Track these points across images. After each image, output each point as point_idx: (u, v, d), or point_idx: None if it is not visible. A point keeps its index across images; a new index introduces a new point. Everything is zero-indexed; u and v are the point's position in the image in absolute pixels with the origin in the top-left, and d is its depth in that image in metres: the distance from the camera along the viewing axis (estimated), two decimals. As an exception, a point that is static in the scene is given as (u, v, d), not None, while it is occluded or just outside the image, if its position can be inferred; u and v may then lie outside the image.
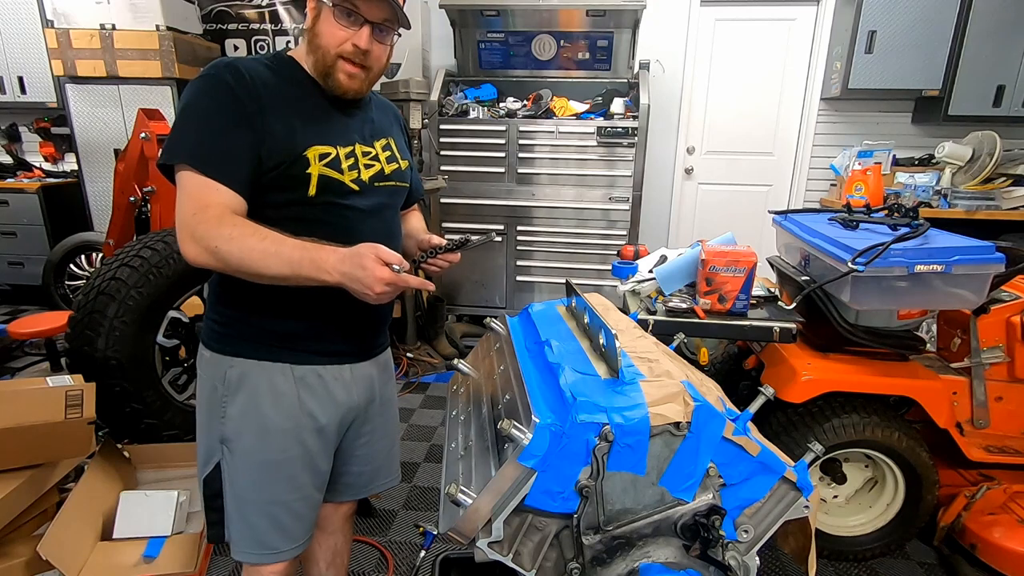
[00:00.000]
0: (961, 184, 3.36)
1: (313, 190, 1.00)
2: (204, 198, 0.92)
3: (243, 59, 1.01)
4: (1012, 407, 1.83)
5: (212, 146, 0.94)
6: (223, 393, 1.06)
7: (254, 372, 1.06)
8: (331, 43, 0.99)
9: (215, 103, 0.95)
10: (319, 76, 1.03)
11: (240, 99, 0.96)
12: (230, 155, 0.95)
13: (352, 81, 1.03)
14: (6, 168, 4.30)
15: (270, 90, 0.99)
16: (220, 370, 1.06)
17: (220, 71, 0.97)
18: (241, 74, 0.97)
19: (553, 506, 0.71)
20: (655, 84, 3.88)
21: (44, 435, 1.64)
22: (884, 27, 3.42)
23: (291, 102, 1.01)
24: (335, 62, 1.01)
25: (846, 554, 1.88)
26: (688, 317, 1.62)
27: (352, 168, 1.05)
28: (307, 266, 0.91)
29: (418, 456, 2.49)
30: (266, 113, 0.97)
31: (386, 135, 1.16)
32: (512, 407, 0.79)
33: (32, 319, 2.79)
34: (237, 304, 1.06)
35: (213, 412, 1.07)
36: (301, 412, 1.08)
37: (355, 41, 0.99)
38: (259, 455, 1.07)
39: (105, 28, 3.49)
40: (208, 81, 0.97)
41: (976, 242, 1.58)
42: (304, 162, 0.99)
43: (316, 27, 1.00)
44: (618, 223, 3.56)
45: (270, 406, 1.06)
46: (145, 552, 1.70)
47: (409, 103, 3.09)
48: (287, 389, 1.07)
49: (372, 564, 1.87)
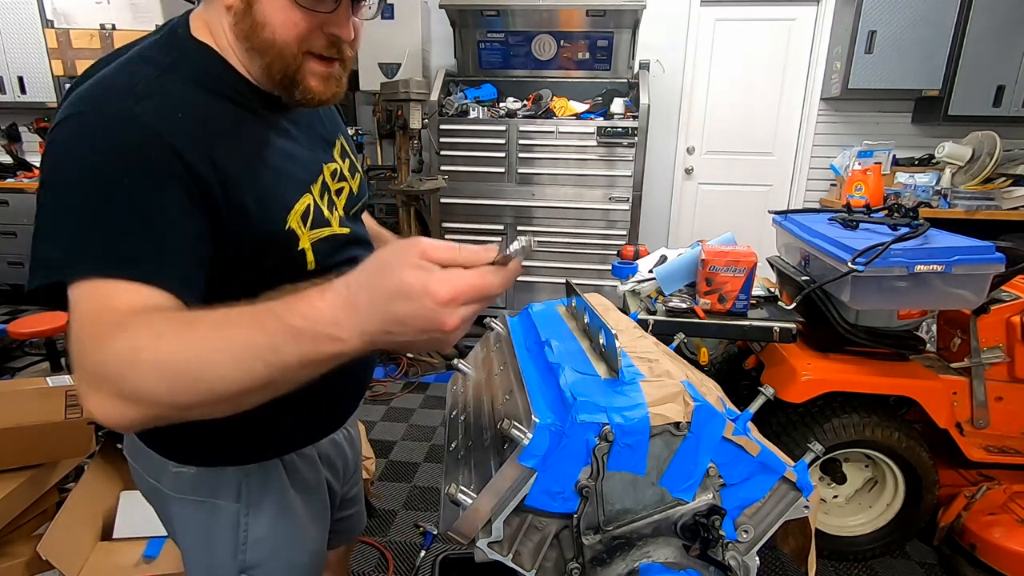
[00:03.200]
0: (961, 184, 3.36)
1: (312, 264, 0.71)
2: (116, 305, 0.53)
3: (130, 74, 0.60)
4: (1012, 407, 1.83)
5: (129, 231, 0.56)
6: (237, 512, 0.79)
7: (278, 472, 0.81)
8: (290, 36, 0.64)
9: (127, 176, 0.56)
10: (275, 85, 0.68)
11: (172, 155, 0.57)
12: (163, 240, 0.57)
13: (328, 84, 0.70)
14: (6, 168, 4.30)
15: (194, 125, 0.60)
16: (227, 486, 0.78)
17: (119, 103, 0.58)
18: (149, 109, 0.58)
19: (553, 506, 0.71)
20: (655, 84, 3.88)
21: (44, 435, 1.64)
22: (884, 27, 3.42)
23: (237, 135, 0.65)
24: (302, 63, 0.66)
25: (846, 554, 1.88)
26: (688, 317, 1.62)
27: (331, 207, 0.76)
28: (289, 344, 0.48)
29: (418, 456, 2.49)
30: (207, 173, 0.60)
31: (337, 133, 0.86)
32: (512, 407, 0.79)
33: (32, 319, 2.78)
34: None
35: (220, 540, 0.79)
36: (327, 492, 0.92)
37: (332, 30, 0.65)
38: (298, 560, 0.86)
39: (105, 28, 3.49)
40: (106, 126, 0.57)
41: (976, 242, 1.58)
42: (291, 238, 0.68)
43: (256, 12, 0.63)
44: (618, 223, 3.56)
45: (301, 504, 0.84)
46: (145, 552, 1.70)
47: (409, 103, 3.09)
48: (312, 476, 0.87)
49: (372, 564, 1.87)
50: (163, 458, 0.77)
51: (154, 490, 0.81)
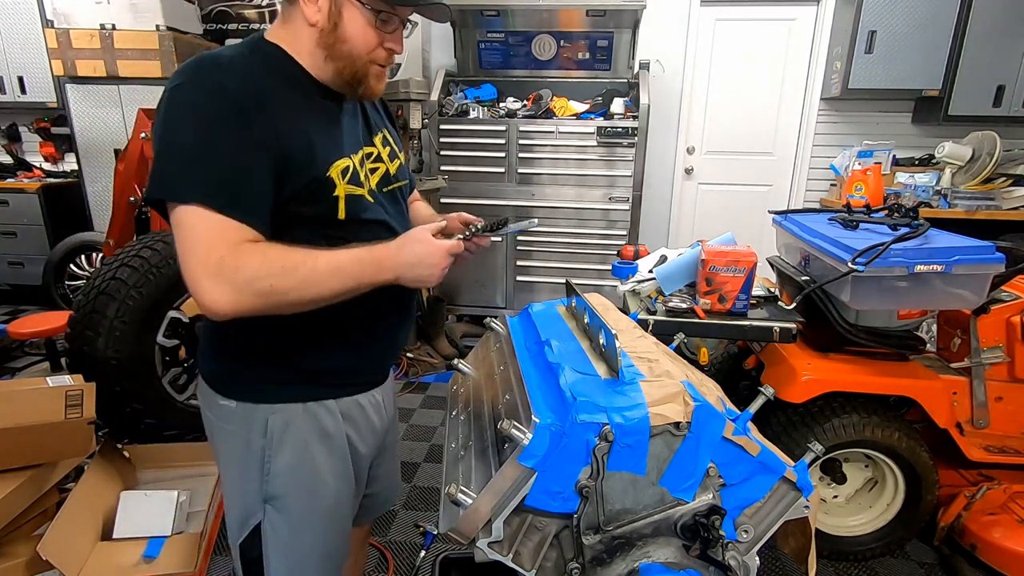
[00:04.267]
0: (961, 184, 3.35)
1: (342, 213, 0.89)
2: (227, 236, 0.78)
3: (224, 56, 0.84)
4: (1012, 407, 1.83)
5: (228, 177, 0.78)
6: (264, 446, 0.94)
7: (299, 417, 0.95)
8: (363, 50, 0.88)
9: (218, 119, 0.78)
10: (343, 84, 0.91)
11: (246, 111, 0.79)
12: (250, 187, 0.80)
13: (380, 83, 0.94)
14: (6, 168, 4.30)
15: (272, 95, 0.83)
16: (256, 421, 0.94)
17: (213, 74, 0.80)
18: (238, 78, 0.81)
19: (553, 506, 0.71)
20: (655, 84, 3.88)
21: (44, 435, 1.64)
22: (884, 27, 3.42)
23: (297, 107, 0.87)
24: (367, 68, 0.90)
25: (846, 554, 1.88)
26: (688, 317, 1.62)
27: (366, 177, 0.95)
28: (368, 270, 0.84)
29: (418, 456, 2.49)
30: (277, 126, 0.82)
31: (380, 128, 1.06)
32: (512, 407, 0.79)
33: (32, 319, 2.78)
34: (264, 346, 0.93)
35: (250, 469, 0.95)
36: (349, 449, 1.02)
37: (390, 45, 0.90)
38: (316, 506, 0.98)
39: (105, 28, 3.49)
40: (202, 90, 0.79)
41: (976, 242, 1.58)
42: (330, 184, 0.87)
43: (340, 31, 0.86)
44: (618, 223, 3.56)
45: (321, 451, 0.97)
46: (145, 552, 1.70)
47: (409, 103, 3.09)
48: (335, 429, 0.98)
49: (372, 564, 1.87)
50: (214, 392, 0.97)
51: (208, 421, 1.00)
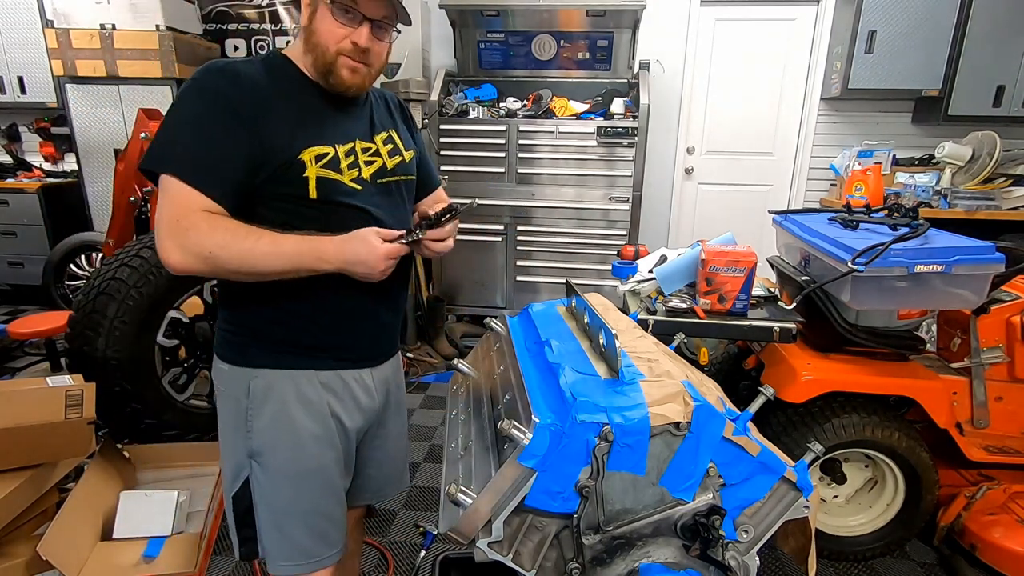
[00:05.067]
0: (961, 184, 3.35)
1: (313, 193, 0.98)
2: (189, 203, 0.90)
3: (237, 61, 1.00)
4: (1012, 407, 1.83)
5: (202, 156, 0.92)
6: (247, 406, 1.04)
7: (280, 382, 1.04)
8: (329, 41, 0.97)
9: (208, 109, 0.93)
10: (319, 75, 1.01)
11: (234, 105, 0.93)
12: (220, 166, 0.93)
13: (355, 76, 1.01)
14: (6, 168, 4.30)
15: (264, 93, 0.97)
16: (242, 383, 1.04)
17: (214, 75, 0.95)
18: (236, 78, 0.95)
19: (553, 506, 0.71)
20: (655, 84, 3.88)
21: (44, 435, 1.64)
22: (884, 27, 3.42)
23: (286, 104, 0.99)
24: (335, 59, 0.99)
25: (846, 554, 1.88)
26: (688, 317, 1.62)
27: (352, 167, 1.03)
28: (307, 258, 0.93)
29: (418, 456, 2.49)
30: (260, 118, 0.95)
31: (387, 128, 1.14)
32: (512, 407, 0.79)
33: (32, 319, 2.79)
34: (254, 314, 1.03)
35: (238, 427, 1.05)
36: (331, 417, 1.07)
37: (354, 39, 0.97)
38: (294, 465, 1.05)
39: (105, 28, 3.49)
40: (201, 85, 0.95)
41: (976, 242, 1.58)
42: (300, 166, 0.97)
43: (313, 25, 0.98)
44: (618, 223, 3.56)
45: (301, 414, 1.04)
46: (145, 552, 1.70)
47: (409, 103, 3.10)
48: (315, 396, 1.05)
49: (372, 564, 1.87)
50: (216, 356, 1.09)
51: (215, 383, 1.10)
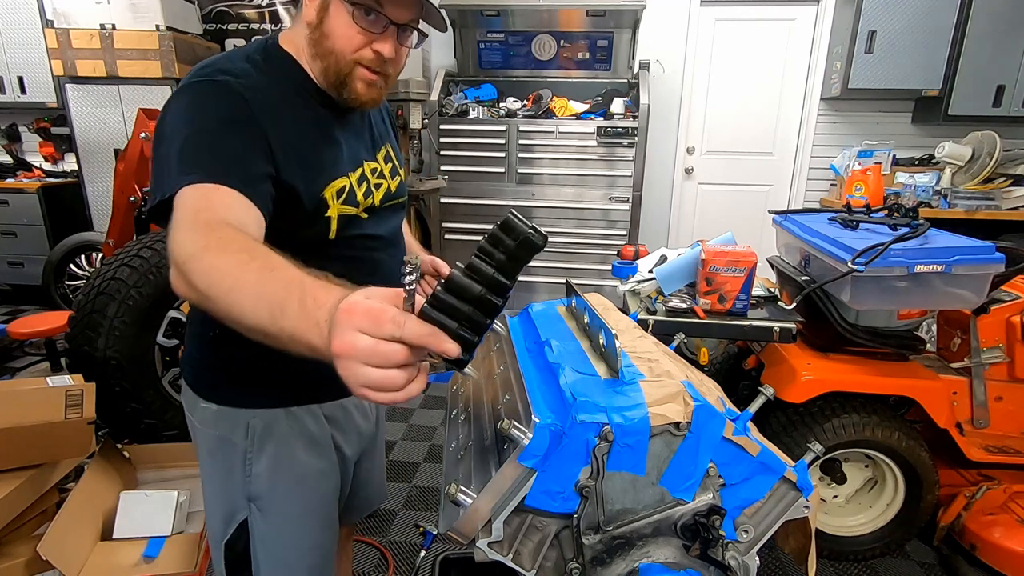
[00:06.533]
0: (961, 184, 3.36)
1: (333, 234, 0.87)
2: (205, 200, 0.71)
3: (231, 61, 0.82)
4: (1012, 407, 1.83)
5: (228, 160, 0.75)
6: (245, 448, 0.93)
7: (282, 421, 0.93)
8: (346, 48, 0.82)
9: (226, 116, 0.77)
10: (329, 85, 0.86)
11: (255, 116, 0.78)
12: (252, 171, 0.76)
13: (371, 90, 0.87)
14: (6, 168, 4.30)
15: (270, 104, 0.80)
16: (236, 424, 0.93)
17: (217, 77, 0.79)
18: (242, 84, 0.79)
19: (553, 506, 0.71)
20: (655, 84, 3.88)
21: (44, 435, 1.64)
22: (884, 27, 3.42)
23: (296, 120, 0.84)
24: (352, 69, 0.84)
25: (846, 554, 1.88)
26: (688, 317, 1.62)
27: (366, 195, 0.91)
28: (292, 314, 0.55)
29: (418, 456, 2.49)
30: (273, 140, 0.79)
31: (385, 141, 1.04)
32: (512, 407, 0.79)
33: (32, 319, 2.79)
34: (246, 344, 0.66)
35: (232, 470, 0.94)
36: (334, 450, 1.01)
37: (377, 47, 0.83)
38: (299, 504, 0.97)
39: (105, 28, 3.49)
40: (208, 88, 0.78)
41: (976, 242, 1.58)
42: (323, 205, 0.84)
43: (325, 26, 0.82)
44: (618, 223, 3.56)
45: (305, 453, 0.96)
46: (145, 552, 1.70)
47: (409, 103, 3.09)
48: (319, 432, 0.97)
49: (372, 564, 1.87)
50: (195, 395, 0.95)
51: (190, 423, 0.97)
